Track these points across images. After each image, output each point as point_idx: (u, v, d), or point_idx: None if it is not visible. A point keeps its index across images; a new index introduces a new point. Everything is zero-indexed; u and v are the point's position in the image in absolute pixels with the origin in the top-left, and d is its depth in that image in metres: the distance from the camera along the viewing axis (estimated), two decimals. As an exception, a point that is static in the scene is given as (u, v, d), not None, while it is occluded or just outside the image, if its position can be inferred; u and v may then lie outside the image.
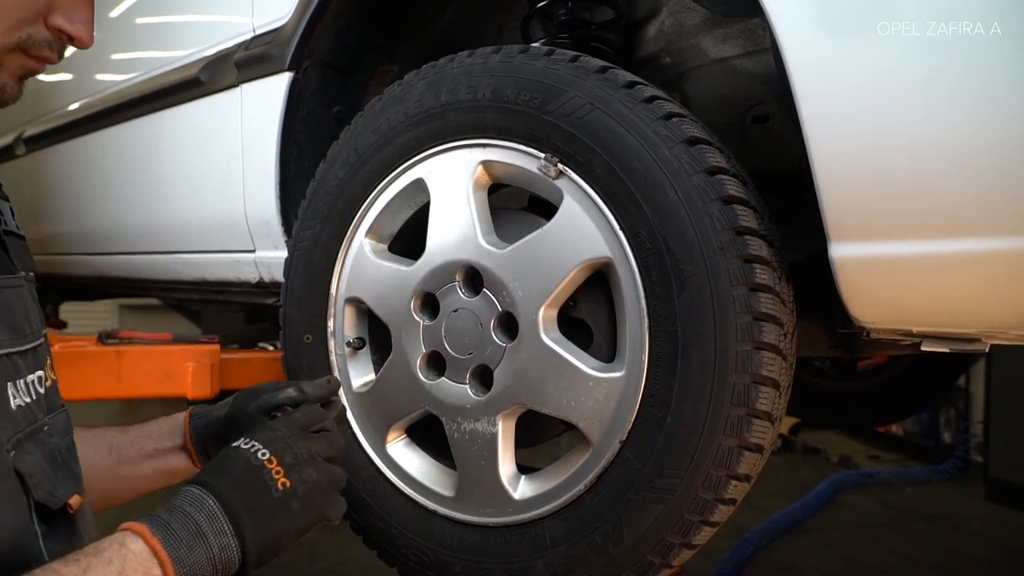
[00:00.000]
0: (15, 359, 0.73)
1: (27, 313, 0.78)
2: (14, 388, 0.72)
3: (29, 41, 0.74)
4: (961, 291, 0.76)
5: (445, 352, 1.05)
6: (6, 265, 0.80)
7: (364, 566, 2.85)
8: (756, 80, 1.22)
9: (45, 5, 0.73)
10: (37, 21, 0.74)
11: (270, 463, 0.76)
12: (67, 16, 0.75)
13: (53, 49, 0.76)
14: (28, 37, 0.73)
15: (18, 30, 0.73)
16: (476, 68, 1.03)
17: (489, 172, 1.03)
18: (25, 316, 0.78)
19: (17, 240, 0.86)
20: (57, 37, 0.76)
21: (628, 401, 0.90)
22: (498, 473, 1.01)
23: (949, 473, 4.55)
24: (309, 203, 1.20)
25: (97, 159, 2.07)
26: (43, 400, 0.78)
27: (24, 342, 0.76)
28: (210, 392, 1.57)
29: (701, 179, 0.86)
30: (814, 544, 3.42)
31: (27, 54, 0.75)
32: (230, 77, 1.52)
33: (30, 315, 0.79)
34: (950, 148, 0.72)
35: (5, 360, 0.72)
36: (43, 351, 0.80)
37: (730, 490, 0.88)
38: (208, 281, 1.77)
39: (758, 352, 0.85)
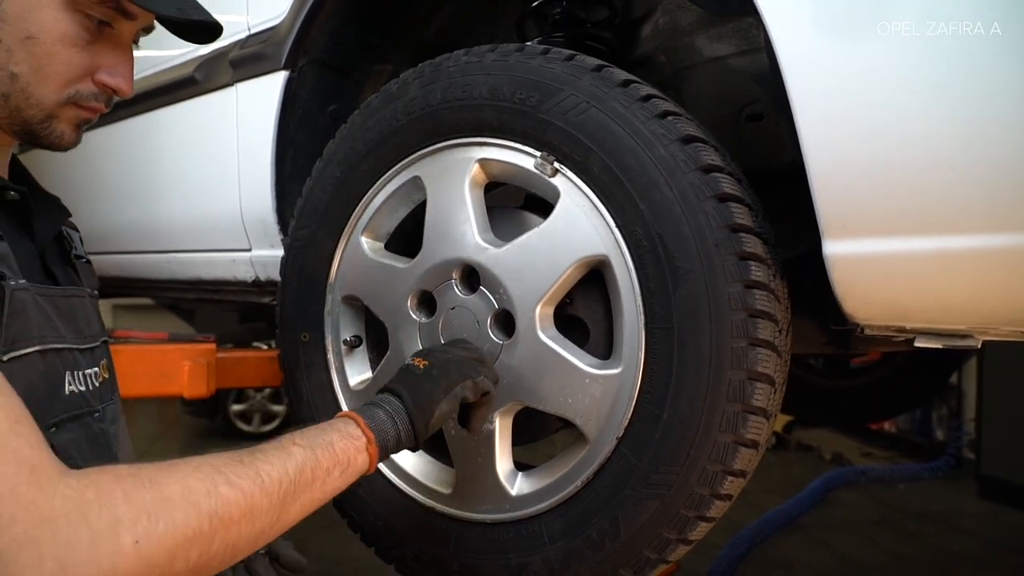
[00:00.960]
0: (75, 354, 0.85)
1: (88, 320, 0.91)
2: (71, 376, 0.83)
3: (78, 96, 0.84)
4: (954, 287, 0.76)
5: (442, 350, 1.05)
6: (75, 281, 0.94)
7: (361, 566, 2.84)
8: (750, 79, 1.22)
9: (90, 66, 0.84)
10: (84, 79, 0.84)
11: (415, 360, 0.95)
12: (110, 72, 0.85)
13: (100, 100, 0.87)
14: (77, 92, 0.84)
15: (67, 87, 0.83)
16: (472, 67, 1.03)
17: (485, 170, 1.04)
18: (86, 322, 0.91)
19: (85, 264, 1.00)
20: (102, 90, 0.86)
21: (624, 398, 0.91)
22: (495, 470, 1.01)
23: (941, 470, 4.58)
24: (305, 202, 1.20)
25: (92, 158, 2.06)
26: (97, 392, 0.89)
27: (84, 342, 0.88)
28: (206, 391, 1.56)
29: (696, 177, 0.87)
30: (807, 541, 3.44)
31: (79, 106, 0.85)
32: (225, 76, 1.52)
33: (91, 322, 0.92)
34: (944, 146, 0.73)
35: (67, 353, 0.83)
36: (100, 353, 0.93)
37: (726, 486, 0.88)
38: (204, 280, 1.76)
39: (753, 349, 0.85)
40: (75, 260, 0.97)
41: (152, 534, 0.60)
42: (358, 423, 0.85)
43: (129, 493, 0.61)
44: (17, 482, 0.57)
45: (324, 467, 0.78)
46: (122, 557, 0.59)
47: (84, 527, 0.58)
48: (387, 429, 0.87)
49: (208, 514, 0.64)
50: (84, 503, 0.59)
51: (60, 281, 0.89)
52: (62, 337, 0.83)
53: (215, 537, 0.65)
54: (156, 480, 0.63)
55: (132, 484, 0.62)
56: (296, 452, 0.76)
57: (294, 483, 0.73)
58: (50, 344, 0.80)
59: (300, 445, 0.77)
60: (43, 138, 0.85)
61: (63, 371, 0.82)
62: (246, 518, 0.68)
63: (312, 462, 0.76)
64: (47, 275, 0.87)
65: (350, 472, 0.81)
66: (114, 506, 0.60)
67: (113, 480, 0.62)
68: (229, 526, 0.66)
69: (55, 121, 0.84)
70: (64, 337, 0.83)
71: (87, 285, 0.97)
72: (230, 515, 0.66)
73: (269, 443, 0.76)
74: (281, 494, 0.72)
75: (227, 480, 0.67)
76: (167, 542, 0.61)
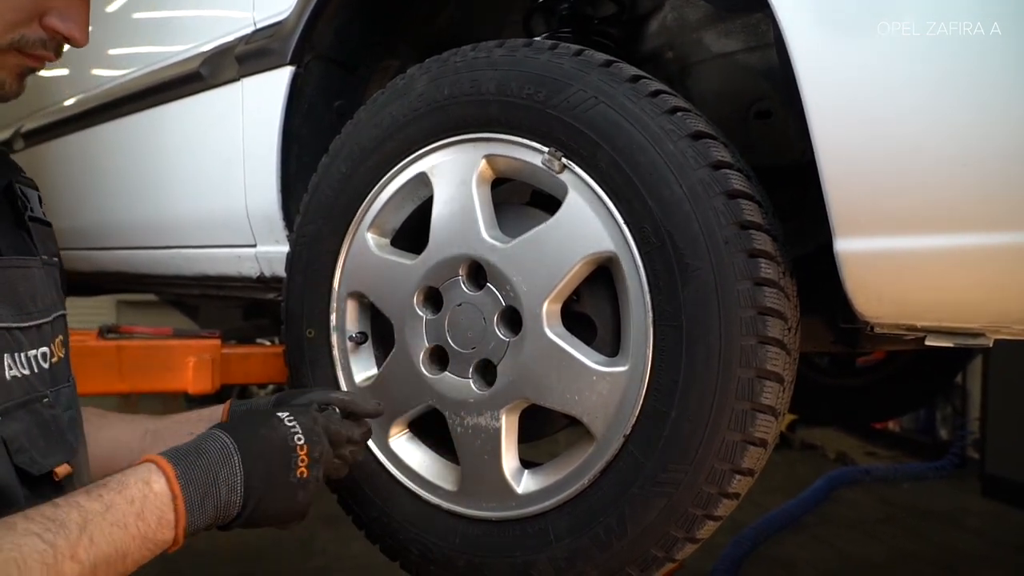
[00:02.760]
0: (15, 333, 0.77)
1: (34, 293, 0.82)
2: (11, 359, 0.76)
3: (23, 41, 0.76)
4: (966, 285, 0.76)
5: (448, 346, 1.05)
6: (26, 247, 0.84)
7: (362, 563, 2.85)
8: (759, 75, 1.21)
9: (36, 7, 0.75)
10: (31, 22, 0.76)
11: (301, 450, 0.82)
12: (61, 16, 0.77)
13: (48, 48, 0.78)
14: (22, 37, 0.76)
15: (11, 31, 0.74)
16: (480, 62, 1.02)
17: (493, 166, 1.03)
18: (31, 296, 0.81)
19: (43, 227, 0.90)
20: (52, 36, 0.77)
21: (632, 395, 0.90)
22: (501, 467, 1.01)
23: (945, 469, 4.57)
24: (311, 198, 1.20)
25: (97, 154, 2.06)
26: (46, 374, 0.81)
27: (27, 319, 0.80)
28: (211, 387, 1.56)
29: (706, 173, 0.87)
30: (811, 540, 3.44)
31: (23, 53, 0.77)
32: (231, 71, 1.51)
33: (37, 295, 0.83)
34: (956, 143, 0.72)
35: (4, 333, 0.75)
36: (50, 329, 0.84)
37: (734, 484, 0.88)
38: (209, 276, 1.76)
39: (762, 346, 0.85)
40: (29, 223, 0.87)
41: None
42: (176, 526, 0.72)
43: None
44: None
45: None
46: None
47: None
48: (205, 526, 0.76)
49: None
50: None
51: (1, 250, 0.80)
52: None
53: None
54: None
55: None
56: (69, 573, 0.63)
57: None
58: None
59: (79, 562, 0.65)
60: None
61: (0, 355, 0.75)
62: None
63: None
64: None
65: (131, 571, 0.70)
66: None
67: None
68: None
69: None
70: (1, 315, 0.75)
71: (43, 252, 0.87)
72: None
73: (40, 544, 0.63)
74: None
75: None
76: None
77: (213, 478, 0.75)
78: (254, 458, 0.79)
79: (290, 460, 0.81)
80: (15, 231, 0.84)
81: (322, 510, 0.79)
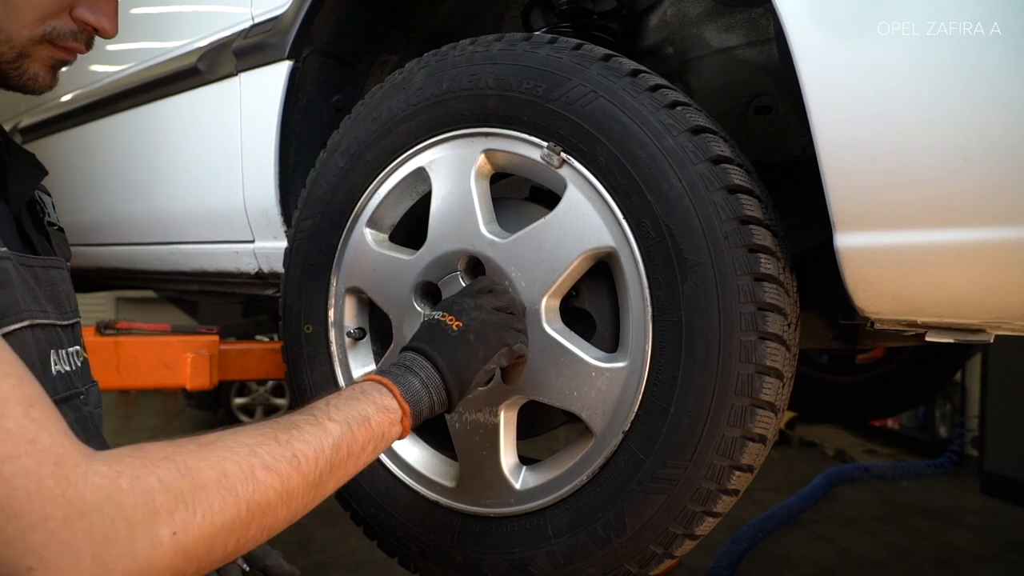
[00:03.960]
0: (58, 331, 0.79)
1: (68, 293, 0.85)
2: (56, 356, 0.78)
3: (54, 33, 0.77)
4: (967, 281, 0.75)
5: (447, 342, 1.04)
6: (50, 251, 0.86)
7: (361, 560, 2.85)
8: (759, 70, 1.21)
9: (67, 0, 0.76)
10: (62, 14, 0.77)
11: (444, 316, 0.90)
12: (90, 8, 0.78)
13: (79, 40, 0.79)
14: (53, 29, 0.77)
15: (43, 23, 0.76)
16: (478, 56, 1.02)
17: (491, 161, 1.03)
18: (66, 295, 0.84)
19: (58, 233, 0.92)
20: (82, 28, 0.78)
21: (631, 391, 0.90)
22: (500, 463, 1.00)
23: (944, 467, 4.57)
24: (309, 193, 1.19)
25: (94, 149, 2.06)
26: (80, 372, 0.84)
27: (65, 318, 0.82)
28: (208, 383, 1.56)
29: (706, 168, 0.86)
30: (810, 537, 3.44)
31: (54, 45, 0.78)
32: (229, 66, 1.51)
33: (70, 296, 0.86)
34: (958, 138, 0.71)
35: (51, 330, 0.77)
36: (78, 330, 0.87)
37: (733, 480, 0.87)
38: (207, 272, 1.76)
39: (762, 342, 0.84)
40: (48, 227, 0.89)
41: (190, 525, 0.57)
42: (394, 394, 0.80)
43: (165, 480, 0.57)
44: (42, 476, 0.52)
45: (359, 443, 0.74)
46: (160, 551, 0.55)
47: (120, 520, 0.54)
48: (422, 399, 0.83)
49: (246, 501, 0.61)
50: (118, 493, 0.54)
51: (37, 250, 0.82)
52: (45, 312, 0.77)
53: (252, 523, 0.62)
54: (190, 465, 0.59)
55: (167, 470, 0.57)
56: (332, 429, 0.72)
57: (330, 463, 0.70)
58: (37, 319, 0.74)
59: (336, 421, 0.73)
60: (14, 79, 0.78)
61: (48, 349, 0.77)
62: (283, 502, 0.65)
63: (348, 439, 0.73)
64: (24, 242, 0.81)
65: (383, 444, 0.78)
66: (150, 495, 0.55)
67: (146, 465, 0.57)
68: (266, 511, 0.63)
69: (27, 60, 0.77)
70: (47, 312, 0.77)
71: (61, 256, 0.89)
72: (267, 500, 0.63)
73: (303, 416, 0.72)
74: (317, 474, 0.69)
75: (263, 463, 0.64)
76: (206, 532, 0.58)
77: (401, 365, 0.85)
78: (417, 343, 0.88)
79: (442, 327, 0.89)
80: (37, 236, 0.86)
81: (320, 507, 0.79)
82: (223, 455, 0.62)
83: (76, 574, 0.52)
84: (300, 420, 0.71)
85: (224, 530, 0.59)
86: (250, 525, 0.62)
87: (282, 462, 0.65)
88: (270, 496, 0.63)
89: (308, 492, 0.68)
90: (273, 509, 0.64)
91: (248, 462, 0.63)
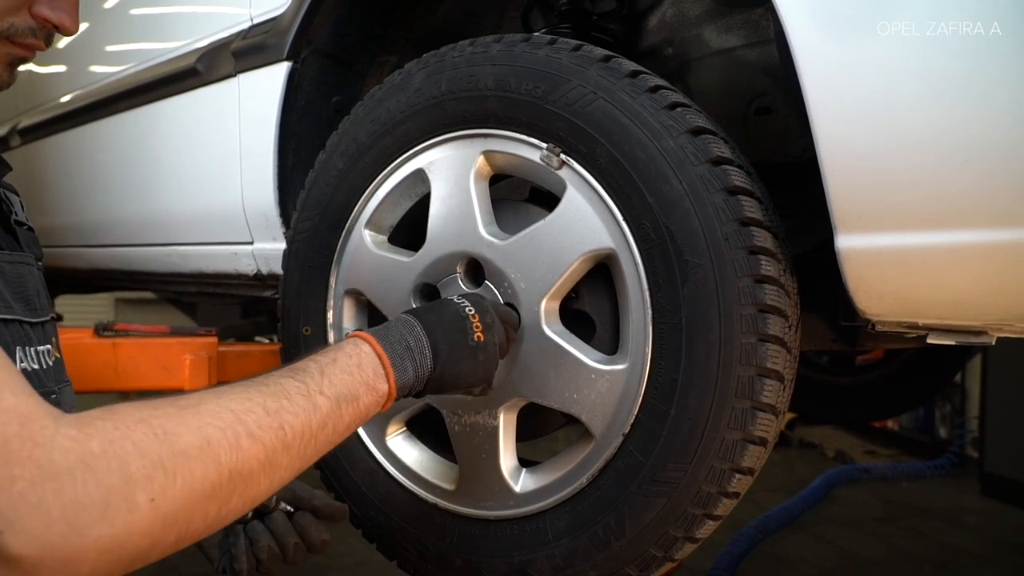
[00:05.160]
0: (26, 328, 0.78)
1: (37, 291, 0.84)
2: (23, 352, 0.77)
3: (12, 30, 0.76)
4: (969, 283, 0.75)
5: (446, 344, 1.04)
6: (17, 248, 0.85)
7: (359, 560, 2.84)
8: (759, 71, 1.21)
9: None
10: (20, 10, 0.75)
11: (473, 317, 0.88)
12: (50, 4, 0.76)
13: (38, 37, 0.78)
14: (11, 26, 0.75)
15: (1, 20, 0.74)
16: (478, 57, 1.01)
17: (490, 162, 1.02)
18: (36, 293, 0.83)
19: (27, 231, 0.90)
20: (42, 25, 0.77)
21: (631, 394, 0.90)
22: (499, 466, 1.00)
23: (944, 468, 4.56)
24: (308, 194, 1.19)
25: (93, 150, 2.05)
26: (52, 371, 0.82)
27: (35, 315, 0.81)
28: (207, 385, 1.55)
29: (706, 169, 0.86)
30: (810, 538, 3.43)
31: (12, 42, 0.76)
32: (227, 67, 1.50)
33: (40, 293, 0.84)
34: (959, 139, 0.71)
35: (16, 326, 0.76)
36: (50, 329, 0.85)
37: (734, 483, 0.87)
38: (205, 273, 1.75)
39: (763, 344, 0.84)
40: (15, 226, 0.88)
41: (169, 491, 0.55)
42: (388, 379, 0.78)
43: (140, 445, 0.55)
44: (7, 436, 0.50)
45: (345, 423, 0.73)
46: (137, 516, 0.53)
47: (93, 484, 0.52)
48: (406, 386, 0.81)
49: (229, 469, 0.60)
50: (89, 456, 0.52)
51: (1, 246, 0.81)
52: (10, 307, 0.75)
53: (234, 493, 0.61)
54: (169, 430, 0.57)
55: (142, 434, 0.55)
56: (322, 405, 0.70)
57: (315, 438, 0.69)
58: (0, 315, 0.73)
59: (327, 397, 0.71)
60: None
61: (13, 346, 0.75)
62: (265, 472, 0.64)
63: (335, 418, 0.72)
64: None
65: (363, 422, 0.77)
66: (124, 460, 0.53)
67: (119, 428, 0.55)
68: (248, 481, 0.62)
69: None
70: (12, 307, 0.76)
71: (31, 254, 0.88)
72: (250, 469, 0.62)
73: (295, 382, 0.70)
74: (301, 448, 0.68)
75: (249, 432, 0.62)
76: (185, 499, 0.56)
77: (405, 344, 0.82)
78: (434, 326, 0.85)
79: (465, 326, 0.87)
80: (4, 234, 0.85)
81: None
82: (207, 420, 0.60)
83: (48, 538, 0.50)
84: (291, 389, 0.69)
85: (204, 498, 0.58)
86: (231, 494, 0.61)
87: (269, 432, 0.64)
88: (253, 466, 0.62)
89: (291, 464, 0.67)
90: (256, 479, 0.63)
91: (234, 429, 0.61)
